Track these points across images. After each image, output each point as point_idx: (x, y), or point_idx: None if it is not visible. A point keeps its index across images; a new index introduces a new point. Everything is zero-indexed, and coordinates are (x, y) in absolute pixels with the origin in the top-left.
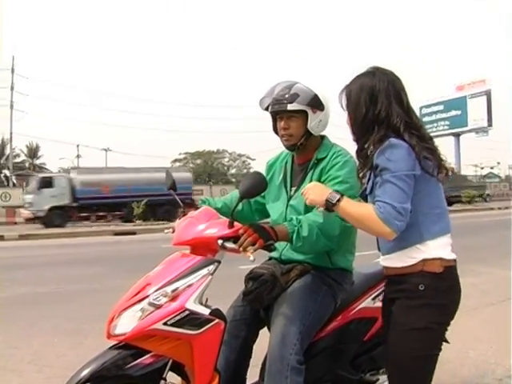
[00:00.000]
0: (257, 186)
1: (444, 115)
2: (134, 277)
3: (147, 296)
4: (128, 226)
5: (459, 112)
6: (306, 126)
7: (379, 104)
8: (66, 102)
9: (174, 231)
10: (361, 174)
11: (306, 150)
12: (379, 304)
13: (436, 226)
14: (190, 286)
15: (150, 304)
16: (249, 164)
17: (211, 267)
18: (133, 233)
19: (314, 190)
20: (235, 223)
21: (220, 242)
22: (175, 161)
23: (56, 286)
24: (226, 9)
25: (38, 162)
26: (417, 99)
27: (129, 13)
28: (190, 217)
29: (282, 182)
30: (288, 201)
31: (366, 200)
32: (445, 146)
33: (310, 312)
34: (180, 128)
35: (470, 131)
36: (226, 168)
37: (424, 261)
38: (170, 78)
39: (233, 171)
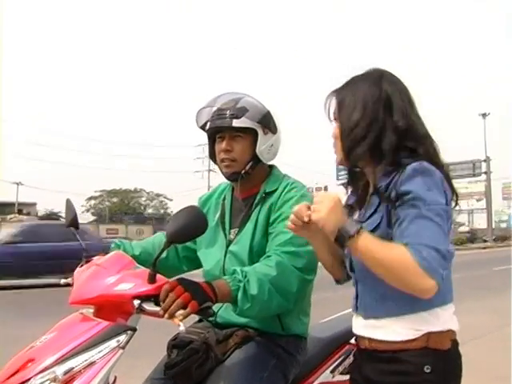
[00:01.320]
0: (192, 226)
1: None
2: (36, 326)
3: (27, 380)
4: None
5: None
6: (253, 150)
7: (395, 111)
8: None
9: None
10: (349, 202)
11: (250, 181)
12: (340, 378)
13: (448, 288)
14: (91, 364)
15: None
16: (166, 204)
17: (122, 338)
18: None
19: (334, 207)
20: (158, 276)
21: (136, 302)
22: (90, 198)
23: None
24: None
25: None
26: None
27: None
28: (96, 264)
29: (219, 223)
30: (227, 246)
31: None
32: None
33: None
34: (97, 165)
35: None
36: (142, 207)
37: (429, 334)
38: (92, 113)
39: (150, 210)
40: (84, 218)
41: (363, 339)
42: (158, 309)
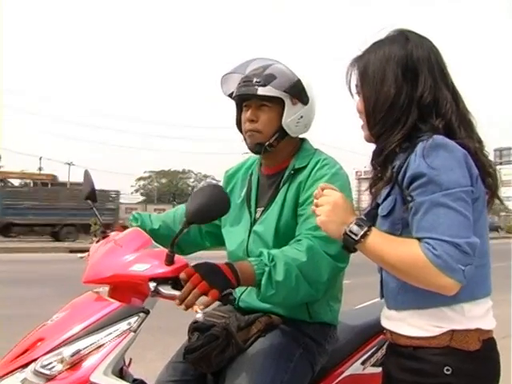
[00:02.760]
0: (214, 206)
1: None
2: None
3: (35, 359)
4: (85, 244)
5: None
6: (280, 122)
7: (421, 81)
8: (30, 112)
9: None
10: (373, 189)
11: (277, 155)
12: (371, 370)
13: (479, 282)
14: (99, 347)
15: (37, 373)
16: None
17: (134, 320)
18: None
19: (334, 209)
20: (176, 257)
21: (152, 285)
22: (140, 179)
23: None
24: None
25: None
26: None
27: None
28: (112, 241)
29: (245, 200)
30: (251, 225)
31: (372, 222)
32: None
33: None
34: (147, 146)
35: None
36: (190, 188)
37: (453, 332)
38: (141, 95)
39: None
40: (133, 198)
41: (387, 331)
42: (174, 292)
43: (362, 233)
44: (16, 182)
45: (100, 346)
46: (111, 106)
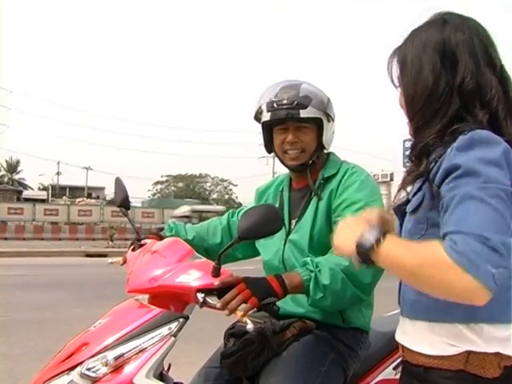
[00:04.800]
0: (266, 224)
1: None
2: (97, 306)
3: (80, 363)
4: (100, 248)
5: None
6: (318, 139)
7: (460, 67)
8: (48, 118)
9: (124, 262)
10: (402, 184)
11: (311, 170)
12: None
13: (504, 304)
14: (142, 351)
15: (83, 376)
16: (231, 190)
17: (174, 325)
18: (104, 255)
19: (341, 231)
20: (222, 269)
21: (201, 296)
22: (157, 183)
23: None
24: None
25: (17, 177)
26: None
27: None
28: (154, 251)
29: None
30: (287, 236)
31: (402, 217)
32: None
33: None
34: (163, 150)
35: None
36: (207, 193)
37: (468, 354)
38: (157, 99)
39: (214, 196)
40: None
41: (400, 345)
42: (219, 302)
43: (375, 239)
44: None
45: (142, 350)
46: (126, 110)
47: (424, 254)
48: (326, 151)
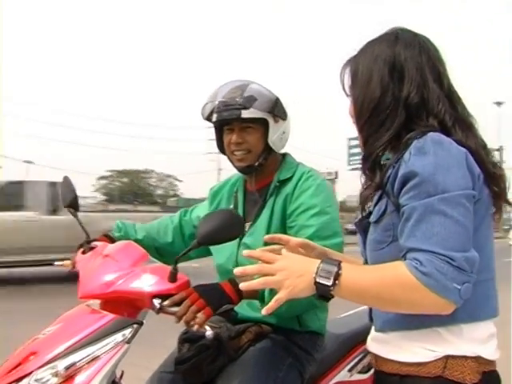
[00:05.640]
0: (226, 229)
1: None
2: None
3: (28, 374)
4: None
5: None
6: (265, 140)
7: (407, 81)
8: None
9: (74, 267)
10: (362, 197)
11: (263, 172)
12: (358, 377)
13: (480, 300)
14: (94, 359)
15: None
16: (176, 186)
17: (128, 331)
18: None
19: (290, 269)
20: (179, 275)
21: (157, 302)
22: (101, 178)
23: None
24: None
25: None
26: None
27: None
28: (106, 255)
29: None
30: (240, 239)
31: (364, 232)
32: None
33: None
34: (108, 145)
35: None
36: (152, 188)
37: (447, 359)
38: (101, 93)
39: (159, 192)
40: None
41: (372, 356)
42: (176, 310)
43: (335, 273)
44: None
45: (95, 359)
46: (74, 105)
47: (388, 276)
48: (281, 153)
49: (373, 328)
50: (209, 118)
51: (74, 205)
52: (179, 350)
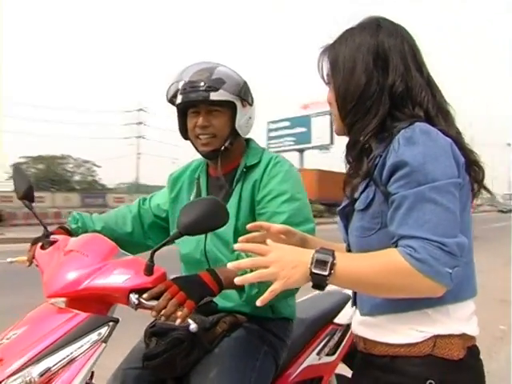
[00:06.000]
0: (210, 218)
1: (290, 131)
2: None
3: None
4: None
5: (304, 129)
6: (232, 124)
7: (392, 70)
8: None
9: (31, 263)
10: (348, 186)
11: (228, 157)
12: (326, 359)
13: (463, 281)
14: (70, 362)
15: None
16: (94, 171)
17: (104, 330)
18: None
19: (283, 260)
20: (156, 267)
21: (135, 297)
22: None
23: None
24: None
25: None
26: (266, 115)
27: None
28: (71, 249)
29: None
30: None
31: (347, 219)
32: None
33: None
34: (22, 130)
35: (313, 148)
36: (69, 174)
37: (436, 338)
38: (16, 75)
39: (77, 178)
40: (8, 185)
41: (359, 339)
42: (154, 304)
43: (330, 263)
44: None
45: (71, 361)
46: None
47: (382, 263)
48: (245, 138)
49: (357, 312)
50: (172, 101)
51: (28, 196)
52: (147, 345)
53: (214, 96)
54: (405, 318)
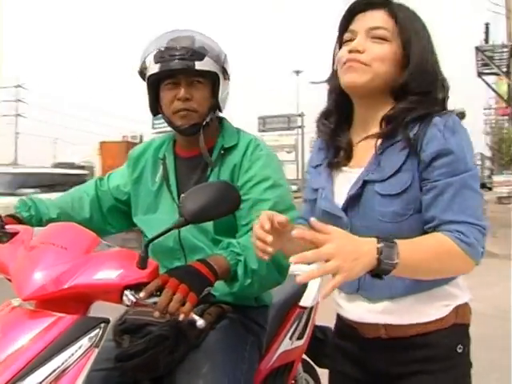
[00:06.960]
0: (221, 203)
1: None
2: None
3: None
4: None
5: None
6: (211, 99)
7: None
8: None
9: None
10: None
11: (204, 136)
12: (298, 343)
13: None
14: (62, 373)
15: None
16: None
17: (95, 333)
18: None
19: (342, 254)
20: (150, 260)
21: (129, 293)
22: None
23: None
24: None
25: None
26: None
27: None
28: (43, 242)
29: (164, 186)
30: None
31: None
32: None
33: (240, 379)
34: None
35: None
36: None
37: (457, 308)
38: None
39: None
40: None
41: (375, 327)
42: (157, 299)
43: (396, 253)
44: None
45: (63, 372)
46: None
47: (437, 247)
48: (217, 116)
49: (361, 301)
50: (142, 72)
51: None
52: (118, 344)
53: (199, 65)
54: (431, 295)
